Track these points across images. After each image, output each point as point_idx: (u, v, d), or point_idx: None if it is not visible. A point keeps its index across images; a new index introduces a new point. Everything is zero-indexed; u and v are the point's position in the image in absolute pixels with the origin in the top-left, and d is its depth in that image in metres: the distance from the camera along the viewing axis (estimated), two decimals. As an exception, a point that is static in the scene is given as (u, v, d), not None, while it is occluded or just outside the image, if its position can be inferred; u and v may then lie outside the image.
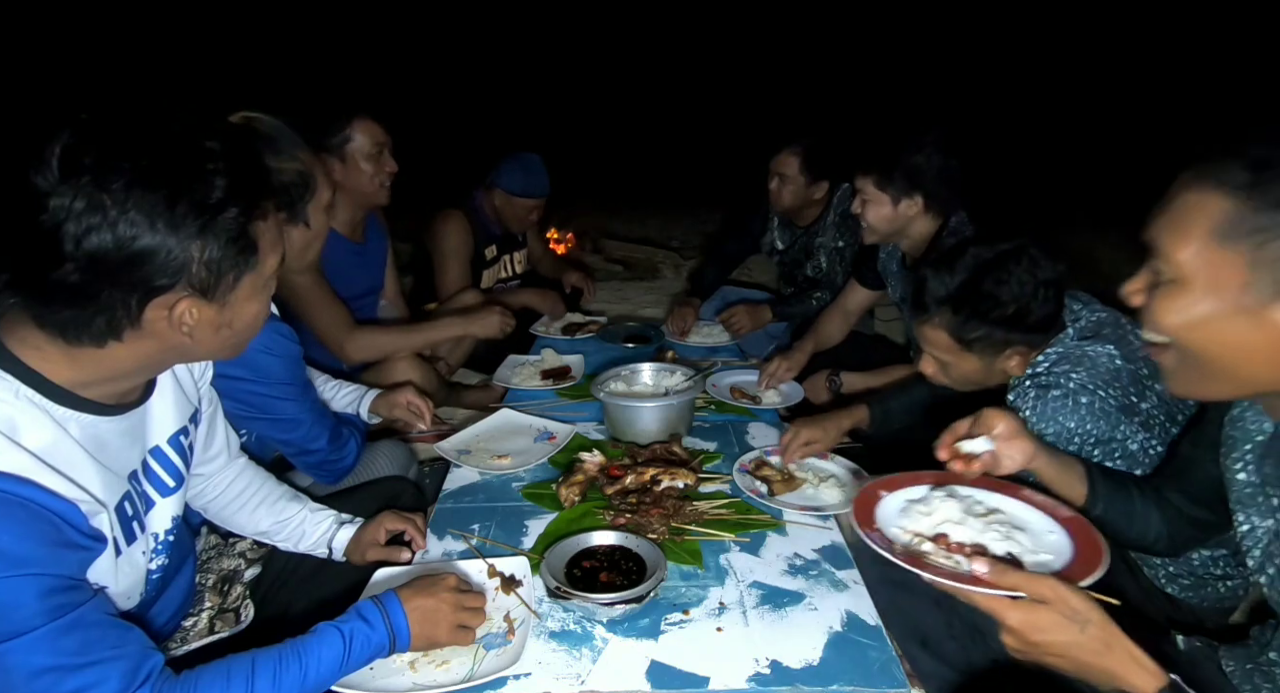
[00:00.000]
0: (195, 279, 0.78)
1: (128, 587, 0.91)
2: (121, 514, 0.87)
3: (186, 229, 0.75)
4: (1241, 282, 0.67)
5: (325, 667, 0.92)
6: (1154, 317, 0.76)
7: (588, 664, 1.06)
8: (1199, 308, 0.71)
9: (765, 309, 2.69)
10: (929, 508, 1.04)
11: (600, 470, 1.53)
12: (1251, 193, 0.66)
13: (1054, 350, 1.31)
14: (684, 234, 5.73)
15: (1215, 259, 0.68)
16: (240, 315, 0.87)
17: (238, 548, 1.30)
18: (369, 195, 2.10)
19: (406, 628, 1.00)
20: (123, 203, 0.72)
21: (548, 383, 2.15)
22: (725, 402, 1.99)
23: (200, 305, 0.81)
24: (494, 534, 1.40)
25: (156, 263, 0.74)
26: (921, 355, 1.41)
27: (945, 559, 0.91)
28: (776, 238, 2.95)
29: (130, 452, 0.91)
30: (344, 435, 1.54)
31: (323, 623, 0.97)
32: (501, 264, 2.95)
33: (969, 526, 0.98)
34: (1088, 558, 0.92)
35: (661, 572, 1.17)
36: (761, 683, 1.02)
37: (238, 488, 1.26)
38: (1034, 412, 1.29)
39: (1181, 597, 1.25)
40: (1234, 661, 0.97)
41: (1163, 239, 0.73)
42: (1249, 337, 0.69)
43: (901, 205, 1.97)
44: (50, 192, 0.70)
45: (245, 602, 1.21)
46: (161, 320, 0.79)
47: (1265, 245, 0.65)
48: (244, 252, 0.81)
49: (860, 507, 1.05)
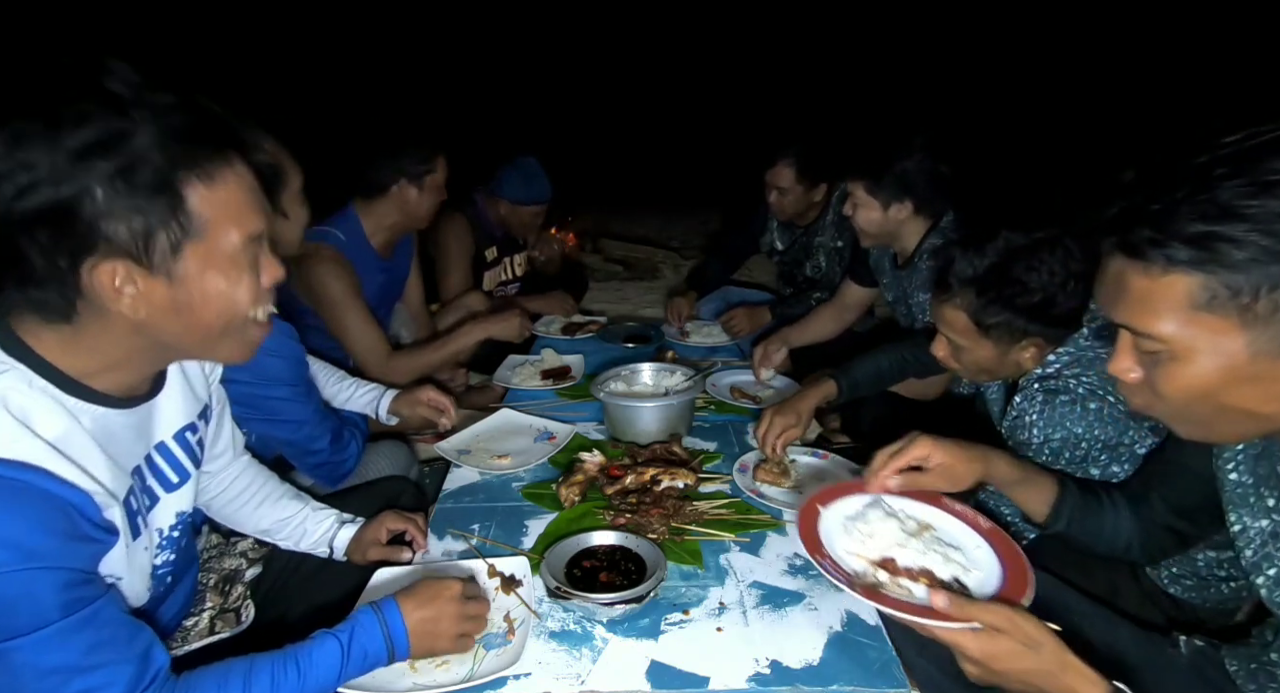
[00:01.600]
0: (118, 238, 0.72)
1: (137, 582, 0.90)
2: (128, 508, 0.86)
3: (92, 174, 0.69)
4: (1242, 342, 0.65)
5: (323, 676, 0.90)
6: (1160, 390, 0.73)
7: (588, 664, 1.06)
8: (1207, 376, 0.68)
9: (765, 311, 2.69)
10: (869, 528, 1.05)
11: (600, 470, 1.53)
12: (1209, 265, 0.64)
13: (1066, 351, 1.30)
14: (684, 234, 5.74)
15: (1206, 326, 0.66)
16: (199, 295, 0.79)
17: (239, 548, 1.30)
18: (421, 221, 2.20)
19: (405, 639, 0.98)
20: (31, 148, 0.68)
21: (548, 383, 2.15)
22: (725, 402, 1.99)
23: (141, 276, 0.75)
24: (494, 534, 1.40)
25: (65, 215, 0.69)
26: (935, 337, 1.41)
27: (899, 590, 0.93)
28: (776, 239, 2.95)
29: (135, 446, 0.90)
30: (345, 438, 1.54)
31: (322, 631, 0.95)
32: (503, 266, 2.96)
33: (911, 548, 1.00)
34: (1015, 572, 0.96)
35: (661, 572, 1.17)
36: (761, 683, 1.02)
37: (240, 486, 1.26)
38: (1041, 416, 1.29)
39: (1184, 598, 1.24)
40: (1237, 661, 0.97)
41: (1138, 322, 0.71)
42: (1262, 389, 0.67)
43: (892, 210, 1.99)
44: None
45: (246, 602, 1.21)
46: (99, 289, 0.74)
47: (1251, 306, 0.63)
48: (171, 210, 0.74)
49: (805, 529, 1.04)
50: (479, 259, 2.79)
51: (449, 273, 2.66)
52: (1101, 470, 1.30)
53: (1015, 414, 1.35)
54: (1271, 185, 0.60)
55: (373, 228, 2.13)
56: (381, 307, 2.24)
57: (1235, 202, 0.61)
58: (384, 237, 2.17)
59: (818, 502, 1.10)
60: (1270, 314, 0.63)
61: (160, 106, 0.73)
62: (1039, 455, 1.32)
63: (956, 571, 0.97)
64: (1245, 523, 0.91)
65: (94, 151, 0.69)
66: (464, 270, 2.70)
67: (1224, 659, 0.99)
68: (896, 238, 2.07)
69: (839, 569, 0.96)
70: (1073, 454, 1.28)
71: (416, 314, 2.45)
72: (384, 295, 2.26)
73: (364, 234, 2.12)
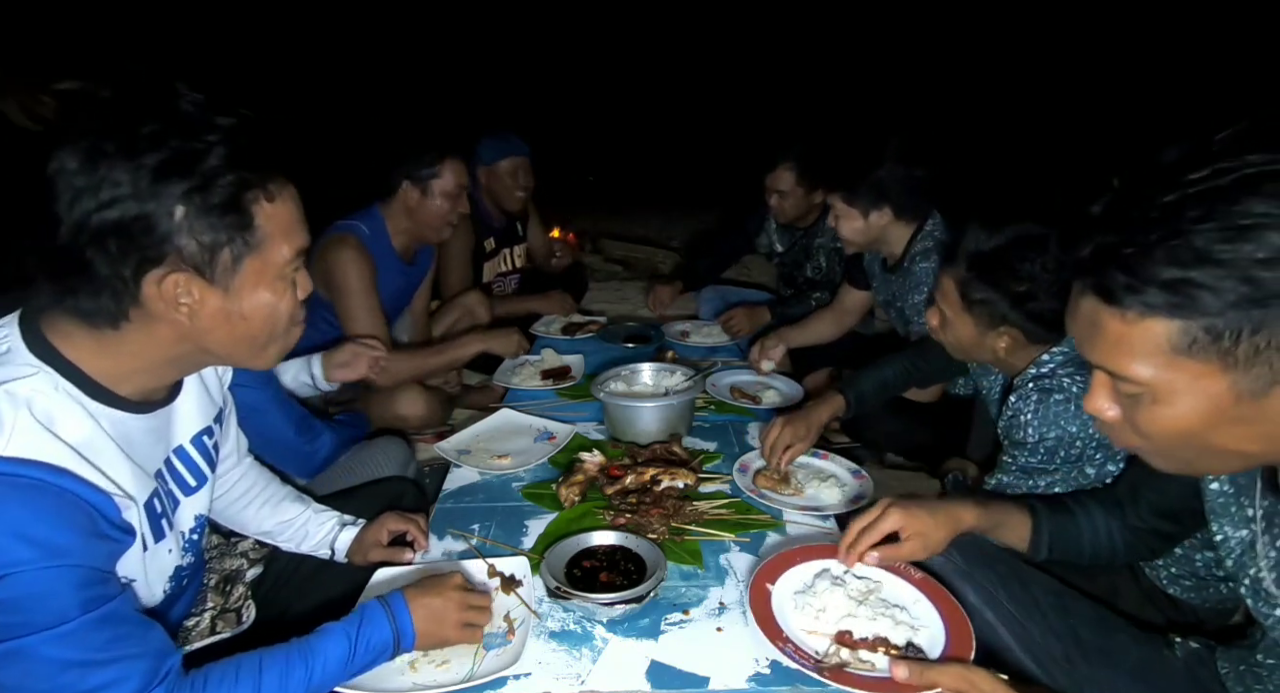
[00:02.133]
0: (186, 251, 0.77)
1: (154, 583, 0.91)
2: (150, 511, 0.88)
3: (171, 193, 0.74)
4: (1224, 384, 0.64)
5: (331, 667, 0.92)
6: (1143, 431, 0.72)
7: (588, 664, 1.06)
8: (1190, 418, 0.67)
9: (764, 311, 2.69)
10: (819, 601, 1.08)
11: (600, 470, 1.53)
12: (1185, 311, 0.62)
13: (1061, 351, 1.31)
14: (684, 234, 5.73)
15: (1187, 370, 0.65)
16: (250, 306, 0.84)
17: (240, 548, 1.30)
18: (433, 229, 2.17)
19: (412, 628, 1.00)
20: (113, 165, 0.72)
21: (548, 383, 2.15)
22: (725, 402, 1.99)
23: (199, 285, 0.80)
24: (494, 534, 1.40)
25: (142, 228, 0.74)
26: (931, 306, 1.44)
27: (862, 664, 0.97)
28: (775, 241, 2.95)
29: (155, 449, 0.92)
30: (316, 427, 1.54)
31: (328, 623, 0.97)
32: (501, 257, 2.95)
33: (861, 616, 1.04)
34: (956, 625, 1.02)
35: (661, 572, 1.17)
36: (761, 683, 1.02)
37: (243, 487, 1.27)
38: (1035, 415, 1.29)
39: (1183, 598, 1.25)
40: (1228, 662, 0.98)
41: (1115, 365, 0.69)
42: (1246, 429, 0.67)
43: (872, 217, 2.02)
44: (52, 155, 0.72)
45: (247, 602, 1.21)
46: (159, 298, 0.78)
47: (1232, 350, 0.62)
48: (239, 227, 0.80)
49: (759, 612, 1.07)
50: (478, 250, 2.78)
51: (450, 269, 2.66)
52: (1097, 469, 1.30)
53: (1010, 414, 1.36)
54: (1246, 230, 0.58)
55: (393, 230, 2.17)
56: (393, 310, 2.25)
57: (1210, 247, 0.60)
58: (403, 240, 2.20)
59: (765, 581, 1.13)
60: (1252, 356, 0.62)
61: (225, 129, 0.79)
62: (1034, 455, 1.32)
63: (907, 633, 1.02)
64: (1226, 533, 0.92)
65: (171, 170, 0.74)
66: (464, 267, 2.70)
67: (1217, 661, 0.99)
68: (883, 243, 2.10)
69: (802, 654, 0.99)
70: (1067, 453, 1.28)
71: (418, 318, 2.46)
72: (397, 299, 2.26)
73: (387, 234, 2.15)
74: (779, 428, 1.58)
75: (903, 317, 2.11)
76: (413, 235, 2.22)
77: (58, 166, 0.73)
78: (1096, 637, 1.12)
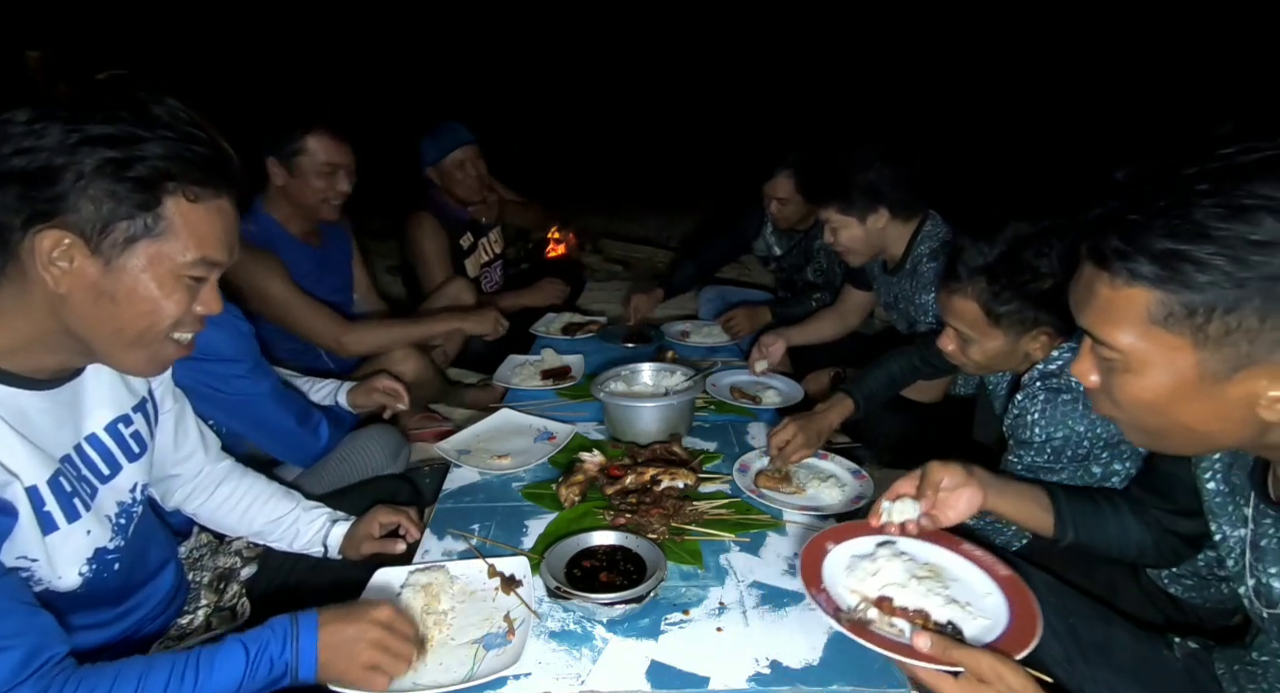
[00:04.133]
0: (80, 214, 0.76)
1: (62, 565, 0.87)
2: (58, 491, 0.86)
3: (88, 157, 0.75)
4: (1193, 361, 0.66)
5: (222, 684, 0.84)
6: (1114, 398, 0.75)
7: (588, 664, 1.06)
8: (1157, 390, 0.70)
9: (764, 311, 2.69)
10: (874, 566, 1.03)
11: (600, 470, 1.53)
12: (1169, 284, 0.65)
13: (1070, 346, 1.30)
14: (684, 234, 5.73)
15: (1161, 342, 0.67)
16: (127, 290, 0.80)
17: (233, 546, 1.30)
18: (313, 209, 2.07)
19: (314, 655, 0.90)
20: (51, 124, 0.74)
21: (548, 383, 2.14)
22: (725, 402, 1.99)
23: (80, 253, 0.78)
24: (494, 534, 1.40)
25: (43, 180, 0.74)
26: (942, 331, 1.40)
27: (889, 629, 0.92)
28: (774, 245, 2.94)
29: (61, 433, 0.90)
30: (314, 417, 1.53)
31: (233, 635, 0.90)
32: (480, 249, 2.91)
33: (911, 589, 0.99)
34: (1023, 623, 0.93)
35: (661, 572, 1.17)
36: (761, 683, 1.02)
37: (225, 491, 1.26)
38: (1043, 414, 1.29)
39: (1184, 597, 1.24)
40: (1224, 662, 0.98)
41: (1099, 330, 0.73)
42: (1206, 408, 0.69)
43: (869, 221, 2.00)
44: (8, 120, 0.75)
45: (241, 599, 1.21)
46: (34, 253, 0.76)
47: (1205, 327, 0.64)
48: (142, 206, 0.79)
49: (807, 562, 1.04)
50: (456, 250, 2.75)
51: (430, 272, 2.64)
52: (1103, 468, 1.30)
53: (1017, 412, 1.35)
54: (1245, 209, 0.60)
55: (281, 217, 2.07)
56: (325, 293, 2.14)
57: (1207, 222, 0.61)
58: (298, 226, 2.10)
59: (829, 540, 1.09)
60: (1221, 337, 0.64)
61: (185, 134, 0.80)
62: (1040, 454, 1.31)
63: (956, 614, 0.95)
64: (1225, 532, 0.92)
65: (103, 142, 0.75)
66: (444, 266, 2.66)
67: (1214, 661, 0.99)
68: (884, 247, 2.08)
69: (831, 603, 0.95)
70: (1074, 452, 1.28)
71: (365, 294, 2.41)
72: (319, 281, 2.15)
73: (276, 224, 2.07)
74: (791, 430, 1.57)
75: (907, 317, 2.11)
76: (301, 217, 2.10)
77: (8, 116, 0.74)
78: (1095, 636, 1.12)
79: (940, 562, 1.07)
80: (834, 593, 0.99)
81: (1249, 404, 0.66)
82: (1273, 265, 0.60)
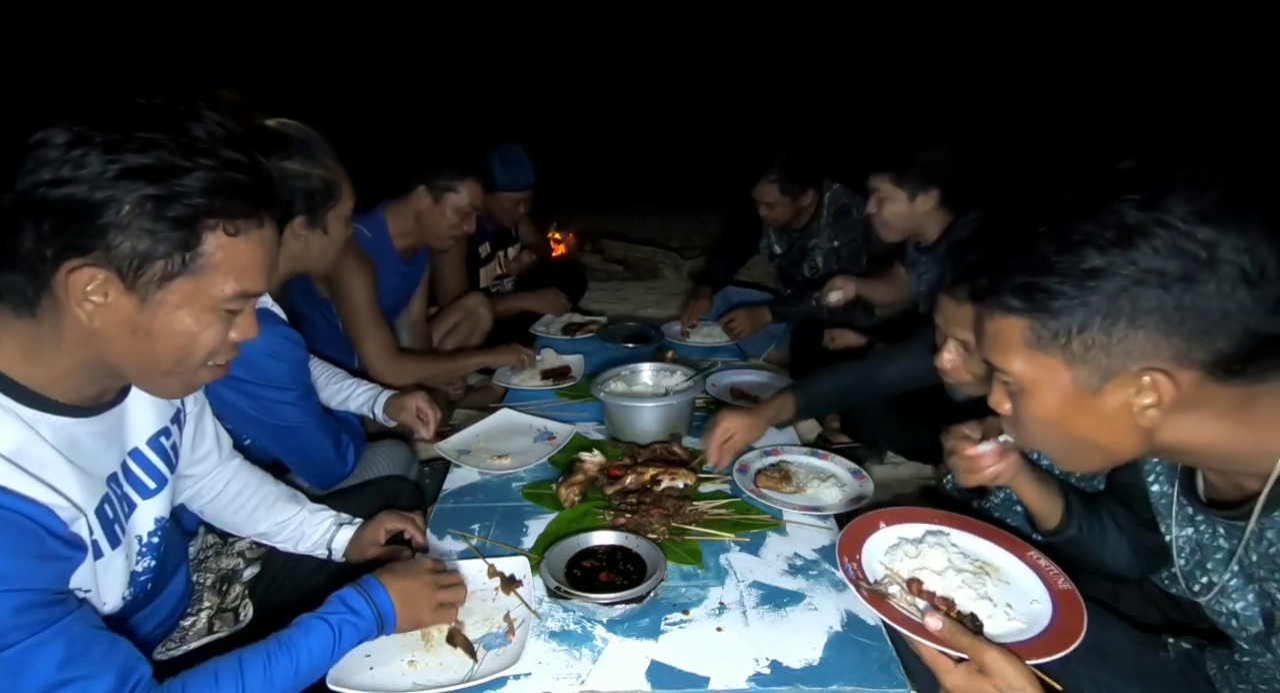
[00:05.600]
0: (117, 251, 0.74)
1: (111, 591, 0.89)
2: (103, 518, 0.85)
3: (128, 192, 0.72)
4: (1069, 378, 0.74)
5: (316, 657, 0.92)
6: (1021, 420, 0.83)
7: (588, 664, 1.06)
8: (1049, 408, 0.78)
9: (765, 311, 2.70)
10: (917, 549, 1.06)
11: (600, 470, 1.53)
12: (1033, 311, 0.74)
13: None
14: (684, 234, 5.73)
15: (1040, 364, 0.76)
16: (163, 325, 0.79)
17: (236, 548, 1.30)
18: (435, 238, 2.24)
19: (392, 609, 1.01)
20: (89, 152, 0.71)
21: (548, 383, 2.15)
22: (725, 402, 1.99)
23: (115, 288, 0.75)
24: (494, 534, 1.40)
25: (82, 215, 0.72)
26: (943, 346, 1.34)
27: (906, 605, 0.94)
28: (774, 243, 2.99)
29: (108, 454, 0.89)
30: (344, 442, 1.54)
31: (305, 615, 0.96)
32: (496, 261, 2.95)
33: (947, 578, 1.00)
34: (1059, 636, 0.92)
35: (661, 572, 1.17)
36: (761, 683, 1.02)
37: (234, 490, 1.26)
38: None
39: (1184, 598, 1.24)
40: (1215, 662, 0.98)
41: (994, 359, 0.81)
42: (1095, 421, 0.76)
43: (918, 201, 1.97)
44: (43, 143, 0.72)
45: (244, 601, 1.21)
46: (65, 288, 0.74)
47: (1069, 345, 0.73)
48: (181, 246, 0.76)
49: (851, 534, 1.07)
50: (473, 256, 2.78)
51: (445, 276, 2.66)
52: (1102, 480, 1.29)
53: None
54: (1074, 245, 0.70)
55: (397, 230, 2.19)
56: (392, 310, 2.26)
57: (1049, 256, 0.72)
58: (406, 242, 2.23)
59: (884, 519, 1.12)
60: (1084, 353, 0.72)
61: (225, 160, 0.77)
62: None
63: (987, 609, 0.96)
64: (1174, 532, 0.94)
65: (141, 174, 0.73)
66: (460, 273, 2.70)
67: (1206, 660, 1.00)
68: (920, 230, 2.05)
69: (860, 572, 0.98)
70: None
71: (416, 323, 2.47)
72: (396, 298, 2.28)
73: (389, 235, 2.18)
74: (725, 425, 1.53)
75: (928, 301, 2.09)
76: (416, 238, 2.24)
77: (43, 138, 0.71)
78: (1093, 638, 1.12)
79: (999, 562, 1.09)
80: (865, 564, 1.01)
81: (1127, 413, 0.73)
82: (1103, 289, 0.69)
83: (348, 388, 1.74)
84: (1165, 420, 0.73)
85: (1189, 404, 0.71)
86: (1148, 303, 0.68)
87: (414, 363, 2.13)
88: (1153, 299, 0.68)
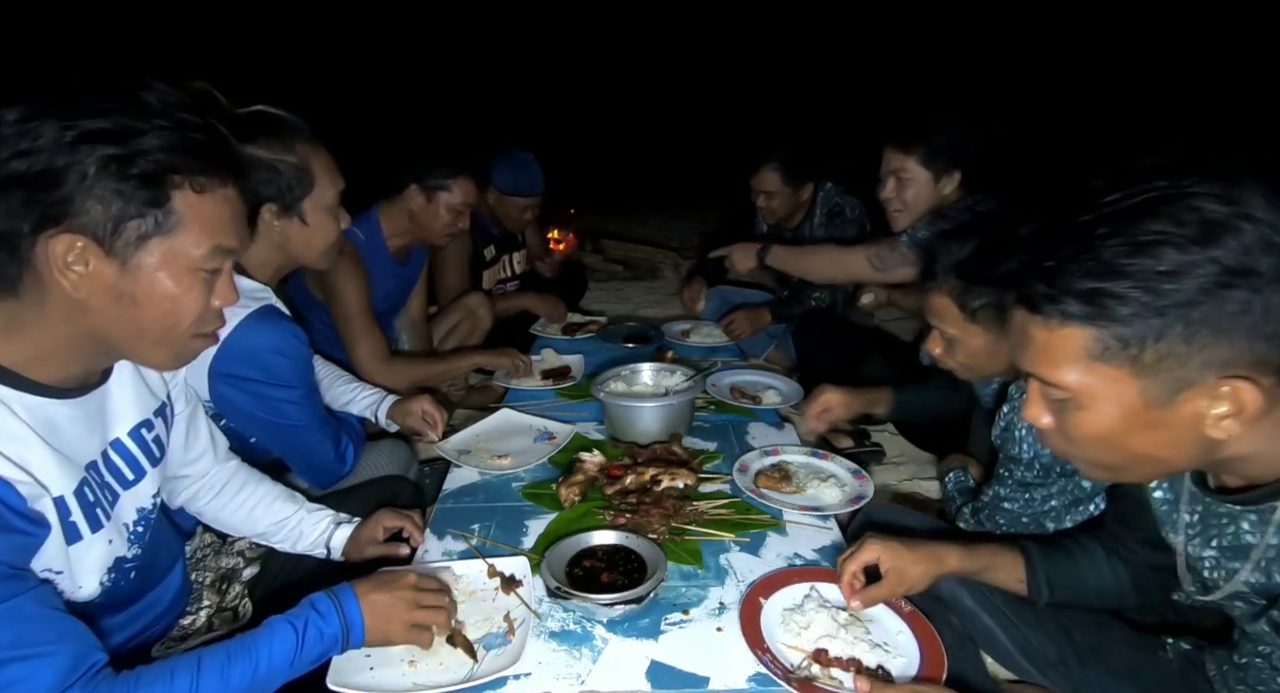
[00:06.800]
0: (89, 216, 0.74)
1: (83, 575, 0.87)
2: (83, 501, 0.85)
3: (89, 154, 0.73)
4: (1136, 389, 0.69)
5: (277, 661, 0.89)
6: (1070, 436, 0.77)
7: (588, 664, 1.06)
8: (1109, 422, 0.72)
9: (764, 312, 2.70)
10: (805, 619, 1.10)
11: (600, 470, 1.53)
12: (1099, 319, 0.68)
13: None
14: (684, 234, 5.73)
15: (1104, 375, 0.70)
16: (146, 289, 0.80)
17: (236, 547, 1.30)
18: (430, 236, 2.22)
19: (361, 621, 0.97)
20: (44, 122, 0.72)
21: (548, 383, 2.15)
22: (725, 402, 1.99)
23: (94, 255, 0.76)
24: (494, 534, 1.40)
25: (47, 183, 0.72)
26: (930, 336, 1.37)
27: (831, 681, 0.99)
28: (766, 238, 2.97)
29: (88, 441, 0.89)
30: (344, 442, 1.54)
31: (274, 617, 0.94)
32: (501, 264, 2.95)
33: (841, 639, 1.06)
34: (932, 651, 1.05)
35: (661, 572, 1.17)
36: (761, 683, 1.02)
37: (231, 491, 1.25)
38: (1030, 431, 1.27)
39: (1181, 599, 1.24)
40: (1214, 663, 0.98)
41: (1044, 372, 0.74)
42: (1158, 434, 0.71)
43: (942, 182, 1.93)
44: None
45: (244, 600, 1.21)
46: (48, 260, 0.75)
47: (1139, 356, 0.67)
48: (151, 203, 0.77)
49: (747, 621, 1.10)
50: (477, 258, 2.78)
51: (445, 274, 2.66)
52: (1093, 484, 1.28)
53: (1004, 425, 1.34)
54: (1147, 245, 0.64)
55: (390, 231, 2.18)
56: (388, 311, 2.25)
57: (1117, 260, 0.65)
58: (400, 242, 2.22)
59: (759, 595, 1.16)
60: (1156, 364, 0.67)
61: (181, 121, 0.78)
62: (1030, 469, 1.30)
63: (881, 657, 1.04)
64: (1172, 539, 0.94)
65: (99, 137, 0.73)
66: (460, 271, 2.69)
67: (1205, 662, 0.99)
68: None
69: (777, 664, 1.02)
70: (1064, 467, 1.26)
71: (416, 323, 2.46)
72: (392, 299, 2.27)
73: (382, 236, 2.17)
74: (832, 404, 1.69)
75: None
76: (410, 237, 2.24)
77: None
78: (1090, 639, 1.12)
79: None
80: (776, 651, 1.05)
81: (1196, 425, 0.69)
82: (1183, 292, 0.63)
83: (351, 391, 1.74)
84: (1242, 431, 0.68)
85: (1262, 412, 0.66)
86: (1234, 306, 0.62)
87: (407, 367, 2.12)
88: (1240, 302, 0.62)
